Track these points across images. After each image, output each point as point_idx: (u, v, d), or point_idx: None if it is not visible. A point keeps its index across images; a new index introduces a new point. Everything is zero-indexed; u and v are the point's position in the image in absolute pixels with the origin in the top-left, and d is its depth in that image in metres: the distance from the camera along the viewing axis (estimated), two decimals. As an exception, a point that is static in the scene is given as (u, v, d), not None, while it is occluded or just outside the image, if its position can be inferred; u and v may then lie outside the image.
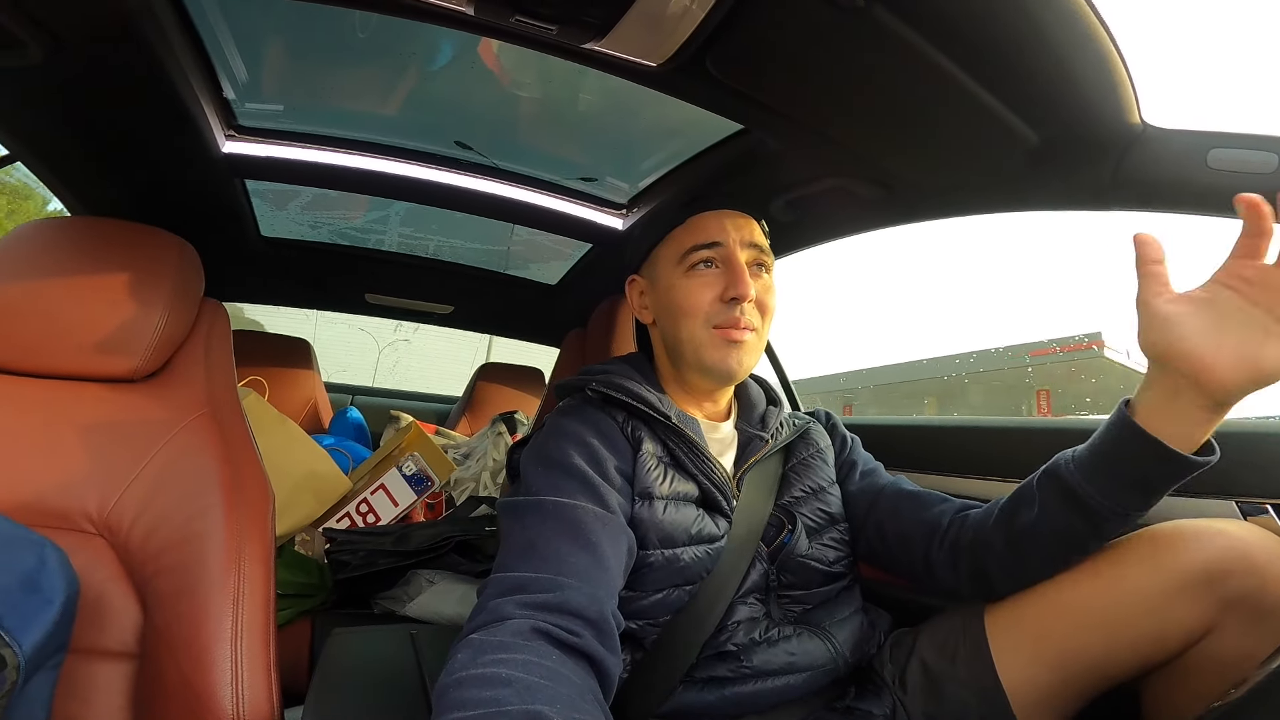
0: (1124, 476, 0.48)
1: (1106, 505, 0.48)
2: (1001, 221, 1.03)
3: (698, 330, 0.62)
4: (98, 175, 0.93)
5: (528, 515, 0.51)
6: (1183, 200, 0.59)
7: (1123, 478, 0.48)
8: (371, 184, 1.03)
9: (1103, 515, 0.49)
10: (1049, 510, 0.51)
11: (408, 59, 0.82)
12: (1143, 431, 0.46)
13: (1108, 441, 0.48)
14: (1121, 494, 0.48)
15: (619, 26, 0.55)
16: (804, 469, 0.66)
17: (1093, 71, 0.54)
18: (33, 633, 0.43)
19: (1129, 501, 0.48)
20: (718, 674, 0.55)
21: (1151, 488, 0.47)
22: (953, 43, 0.53)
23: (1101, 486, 0.48)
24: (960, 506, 0.61)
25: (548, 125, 0.96)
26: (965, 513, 0.60)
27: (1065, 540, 0.52)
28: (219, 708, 0.50)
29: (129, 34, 0.62)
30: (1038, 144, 0.63)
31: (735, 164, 0.85)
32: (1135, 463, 0.47)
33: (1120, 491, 0.48)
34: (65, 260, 0.63)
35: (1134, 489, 0.48)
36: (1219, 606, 0.46)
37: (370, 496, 1.27)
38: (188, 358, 0.69)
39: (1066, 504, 0.50)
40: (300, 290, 1.59)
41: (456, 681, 0.37)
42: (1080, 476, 0.49)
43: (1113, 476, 0.48)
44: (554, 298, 1.47)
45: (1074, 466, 0.50)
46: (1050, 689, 0.52)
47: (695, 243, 0.63)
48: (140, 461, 0.59)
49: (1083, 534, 0.51)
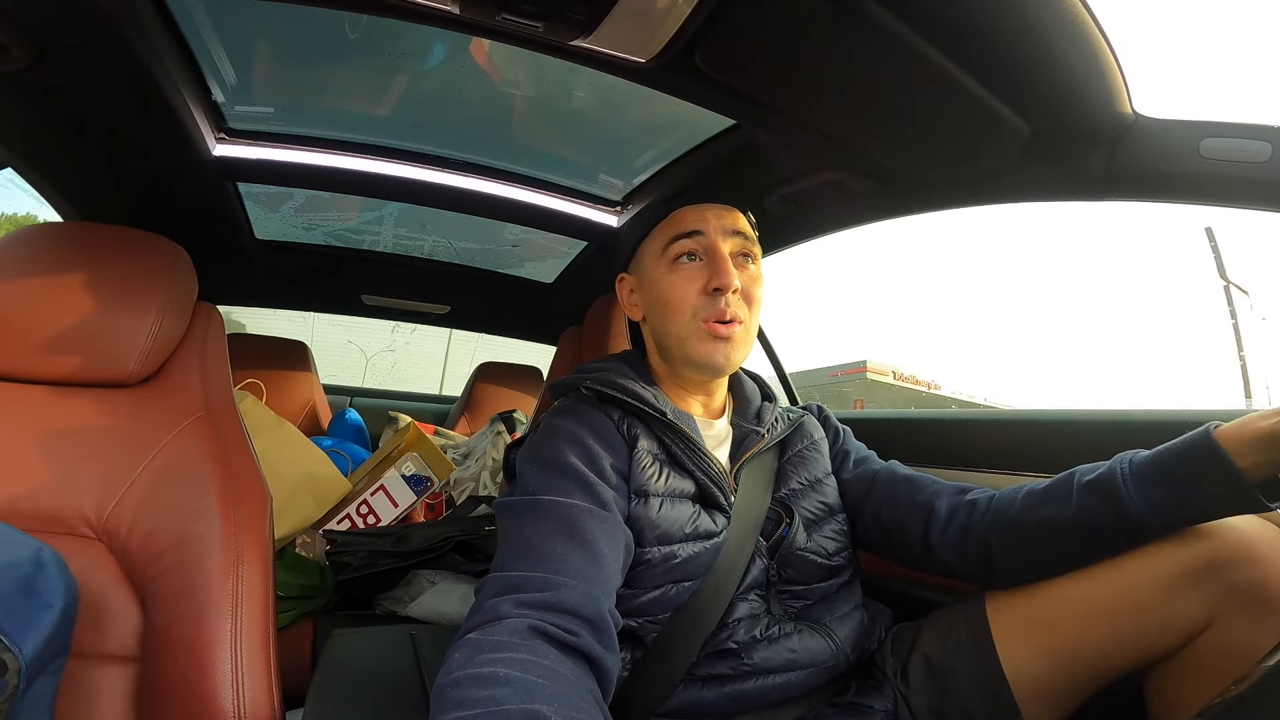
0: (1185, 498, 0.48)
1: (1147, 519, 0.48)
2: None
3: (683, 324, 0.62)
4: (89, 180, 0.93)
5: (524, 515, 0.51)
6: (1176, 189, 0.59)
7: (1182, 500, 0.48)
8: (365, 185, 1.02)
9: (1140, 528, 0.49)
10: (1085, 512, 0.51)
11: (399, 59, 0.81)
12: (1224, 457, 0.46)
13: (1179, 456, 0.49)
14: (1169, 513, 0.48)
15: (606, 22, 0.55)
16: (800, 462, 0.67)
17: (1083, 63, 0.53)
18: (33, 637, 0.44)
19: (1173, 521, 0.49)
20: (718, 672, 0.55)
21: (1205, 515, 0.48)
22: (942, 34, 0.52)
23: (1150, 500, 0.48)
24: (958, 489, 0.62)
25: (541, 123, 0.95)
26: (968, 497, 0.60)
27: (1090, 543, 0.52)
28: (220, 709, 0.50)
29: (113, 38, 0.61)
30: (1029, 135, 0.63)
31: (728, 159, 0.85)
32: (1203, 488, 0.47)
33: (1169, 510, 0.48)
34: (58, 266, 0.63)
35: (1186, 508, 0.48)
36: (1221, 597, 0.46)
37: (370, 498, 1.27)
38: (183, 362, 0.69)
39: (1106, 510, 0.50)
40: (296, 293, 1.59)
41: (454, 681, 0.37)
42: (1134, 487, 0.49)
43: (1171, 496, 0.48)
44: (550, 296, 1.47)
45: (1130, 476, 0.50)
46: (1054, 681, 0.52)
47: (676, 233, 0.63)
48: (137, 465, 0.60)
49: (1110, 541, 0.51)
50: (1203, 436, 0.48)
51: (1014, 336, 23.34)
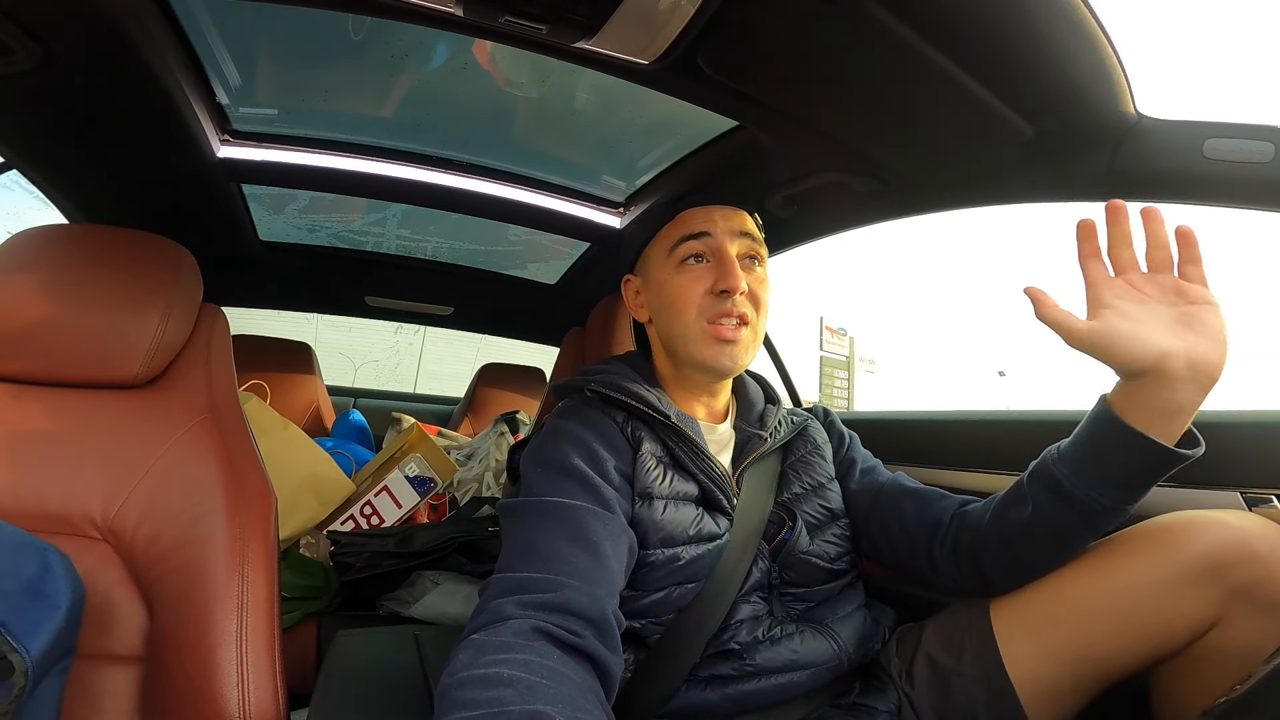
0: (1109, 469, 0.48)
1: (1094, 499, 0.49)
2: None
3: (690, 325, 0.62)
4: (94, 182, 0.93)
5: (528, 516, 0.52)
6: (1180, 190, 0.59)
7: (1108, 470, 0.48)
8: (368, 186, 1.03)
9: (1092, 510, 0.49)
10: (1040, 507, 0.52)
11: (402, 61, 0.82)
12: (1122, 423, 0.47)
13: (1090, 435, 0.49)
14: (1107, 487, 0.48)
15: (609, 25, 0.55)
16: (803, 466, 0.66)
17: (1086, 63, 0.53)
18: (39, 638, 0.44)
19: (1116, 495, 0.49)
20: (721, 672, 0.55)
21: (1136, 480, 0.48)
22: (945, 36, 0.52)
23: (1087, 481, 0.49)
24: (960, 502, 0.62)
25: (544, 125, 0.96)
26: (964, 509, 0.60)
27: (1059, 536, 0.52)
28: (225, 710, 0.50)
29: (117, 40, 0.62)
30: (1032, 136, 0.63)
31: (731, 160, 0.85)
32: (1118, 454, 0.47)
33: (1106, 485, 0.48)
34: (63, 268, 0.63)
35: (1119, 482, 0.48)
36: (1225, 597, 0.46)
37: (374, 498, 1.27)
38: (188, 363, 0.69)
39: (1056, 499, 0.51)
40: (300, 294, 1.60)
41: (458, 682, 0.37)
42: (1066, 471, 0.50)
43: (1097, 470, 0.49)
44: (553, 297, 1.47)
45: (1060, 461, 0.51)
46: (1059, 682, 0.52)
47: (683, 234, 0.63)
48: (143, 467, 0.60)
49: (1076, 529, 0.51)
50: (1101, 410, 0.49)
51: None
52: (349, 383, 2.68)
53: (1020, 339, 9.11)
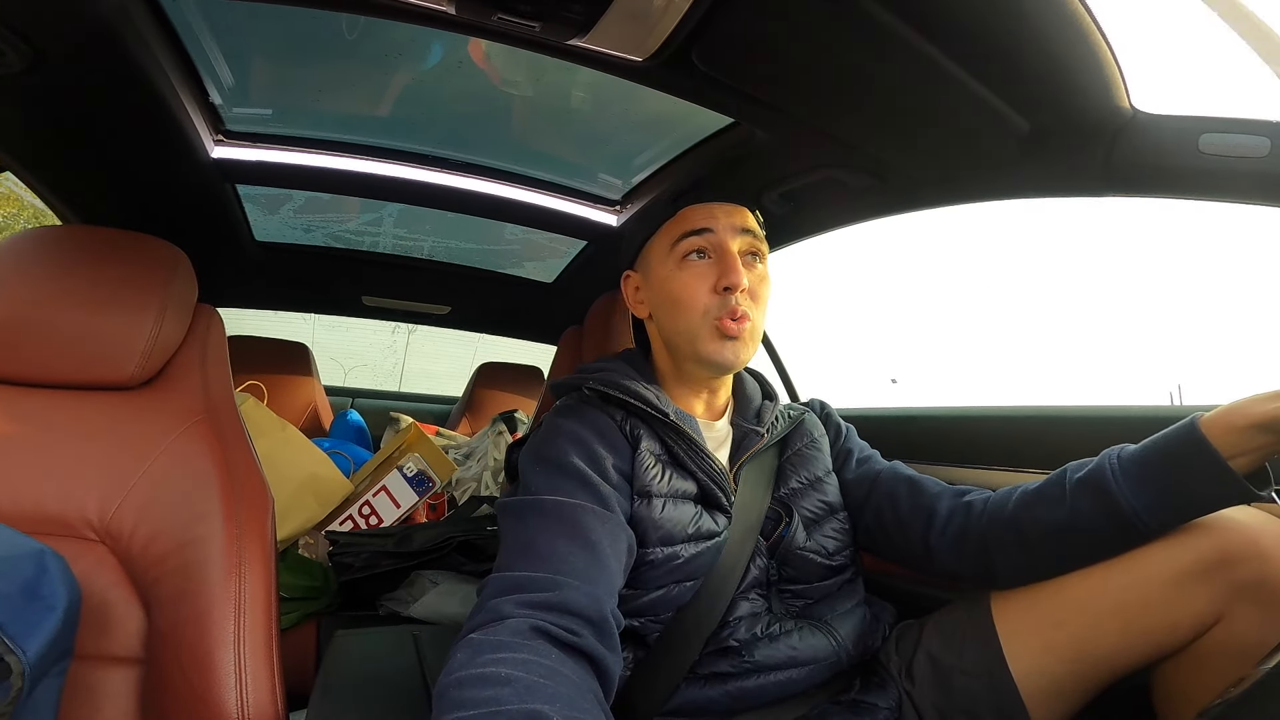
0: (1177, 495, 0.48)
1: (1143, 521, 0.48)
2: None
3: (694, 322, 0.61)
4: (87, 183, 0.93)
5: (526, 515, 0.52)
6: (1175, 185, 0.59)
7: (1173, 497, 0.48)
8: (364, 186, 1.02)
9: (1136, 530, 0.49)
10: (1081, 516, 0.51)
11: (397, 60, 0.81)
12: (1210, 449, 0.46)
13: (1166, 451, 0.48)
14: (1164, 510, 0.48)
15: (602, 22, 0.55)
16: (800, 460, 0.66)
17: (1081, 58, 0.53)
18: (36, 640, 0.44)
19: (1169, 516, 0.48)
20: (720, 670, 0.55)
21: (1195, 509, 0.48)
22: (940, 31, 0.52)
23: (1145, 501, 0.48)
24: (958, 492, 0.62)
25: (539, 123, 0.95)
26: (965, 499, 0.60)
27: (1090, 543, 0.52)
28: (224, 711, 0.50)
29: (109, 41, 0.61)
30: (1029, 131, 0.62)
31: (727, 157, 0.85)
32: (1195, 483, 0.47)
33: (1164, 508, 0.48)
34: (58, 269, 0.63)
35: (1181, 505, 0.48)
36: (1229, 593, 0.46)
37: (372, 498, 1.27)
38: (184, 364, 0.69)
39: (1102, 514, 0.50)
40: (296, 294, 1.59)
41: (456, 681, 0.37)
42: (1126, 486, 0.49)
43: (1162, 489, 0.48)
44: (551, 296, 1.47)
45: (1120, 474, 0.50)
46: (1061, 678, 0.52)
47: (685, 230, 0.63)
48: (139, 468, 0.60)
49: (1110, 540, 0.51)
50: (1188, 429, 0.47)
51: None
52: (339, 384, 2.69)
53: (910, 348, 9.17)
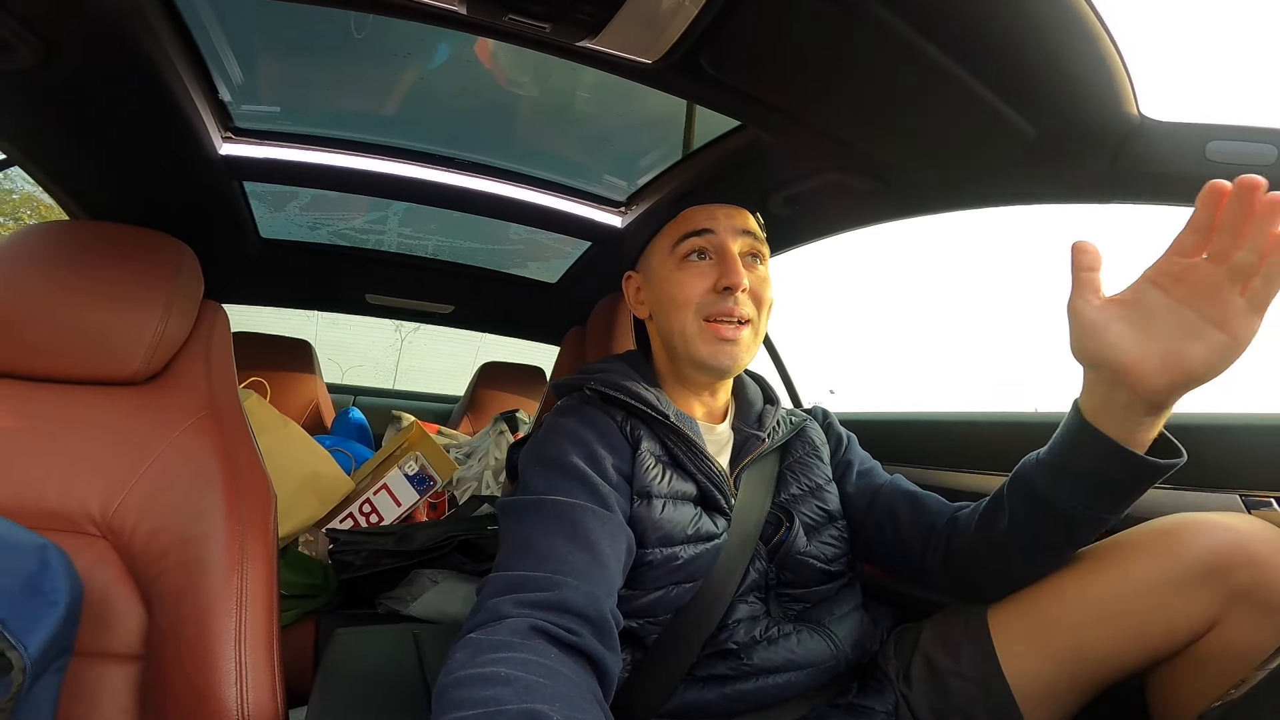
0: (1086, 479, 0.48)
1: (1073, 509, 0.49)
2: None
3: (689, 322, 0.62)
4: (96, 179, 0.93)
5: (526, 514, 0.52)
6: (1181, 193, 0.59)
7: (1085, 480, 0.48)
8: (370, 184, 1.03)
9: (1072, 520, 0.49)
10: (1019, 516, 0.52)
11: (404, 59, 0.82)
12: (1096, 431, 0.46)
13: (1065, 443, 0.49)
14: (1087, 498, 0.48)
15: (612, 24, 0.55)
16: (801, 467, 0.66)
17: (1089, 64, 0.53)
18: (37, 635, 0.44)
19: (1095, 505, 0.48)
20: (718, 672, 0.55)
21: (1116, 491, 0.48)
22: (948, 36, 0.52)
23: (1065, 490, 0.49)
24: (956, 508, 0.61)
25: (545, 124, 0.96)
26: (957, 514, 0.60)
27: (1041, 545, 0.53)
28: (224, 708, 0.50)
29: (121, 37, 0.62)
30: (1035, 137, 0.62)
31: (732, 159, 0.85)
32: (1094, 463, 0.47)
33: (1085, 495, 0.48)
34: (65, 264, 0.63)
35: (1098, 492, 0.48)
36: (1224, 599, 0.46)
37: (373, 497, 1.27)
38: (189, 360, 0.69)
39: (1035, 510, 0.51)
40: (301, 292, 1.60)
41: (455, 681, 0.37)
42: (1043, 481, 0.50)
43: (1075, 479, 0.48)
44: (554, 296, 1.47)
45: (1038, 471, 0.50)
46: (1056, 682, 0.52)
47: (686, 231, 0.63)
48: (142, 463, 0.60)
49: (1056, 539, 0.52)
50: (1075, 419, 0.47)
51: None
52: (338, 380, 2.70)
53: (849, 359, 9.16)
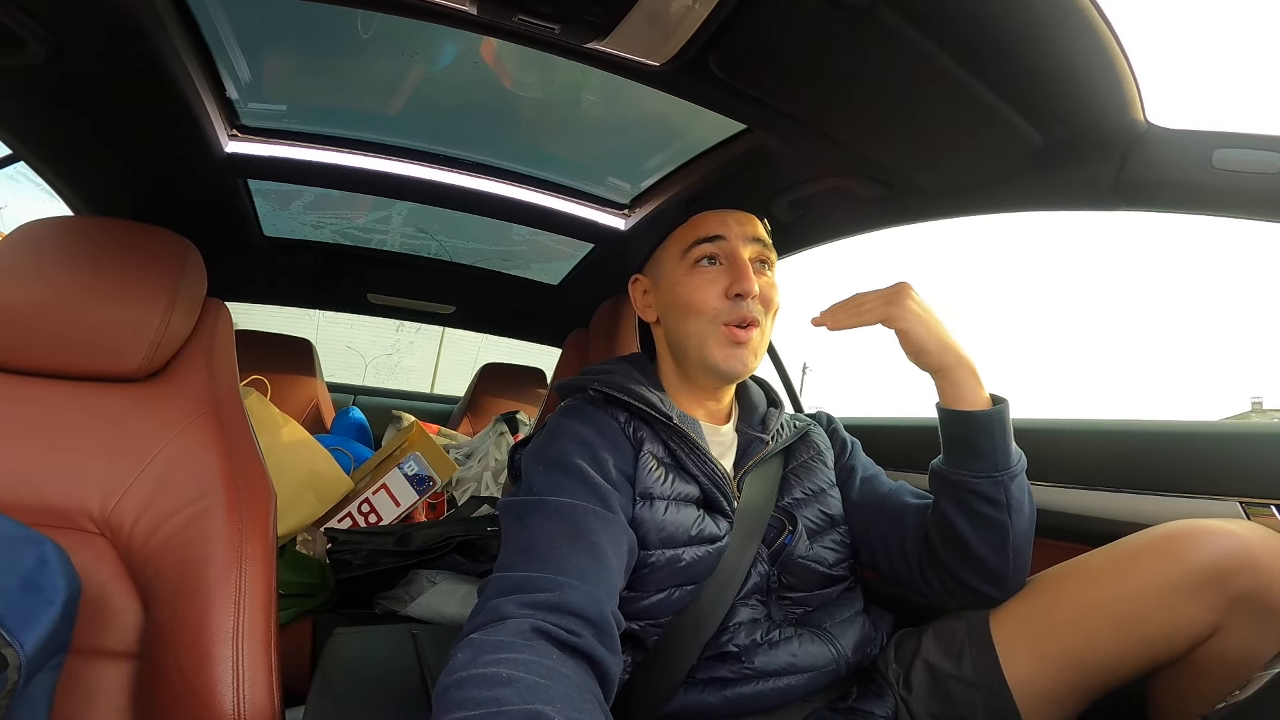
0: (962, 446, 0.57)
1: (969, 475, 0.56)
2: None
3: (703, 327, 0.62)
4: (101, 174, 0.93)
5: (528, 515, 0.51)
6: (1188, 200, 0.59)
7: (962, 447, 0.57)
8: (374, 184, 1.03)
9: (974, 487, 0.56)
10: (943, 506, 0.58)
11: (410, 59, 0.82)
12: (945, 409, 0.58)
13: (942, 430, 0.59)
14: (972, 462, 0.56)
15: (621, 26, 0.55)
16: (804, 471, 0.66)
17: (1096, 71, 0.53)
18: (34, 632, 0.43)
19: (979, 465, 0.56)
20: (719, 675, 0.55)
21: (981, 447, 0.56)
22: (956, 42, 0.52)
23: (959, 463, 0.57)
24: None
25: (550, 125, 0.96)
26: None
27: (978, 524, 0.56)
28: (220, 707, 0.50)
29: (130, 33, 0.62)
30: (1041, 144, 0.62)
31: (738, 163, 0.85)
32: (958, 430, 0.57)
33: (970, 460, 0.56)
34: (69, 259, 0.63)
35: (974, 454, 0.56)
36: (1225, 606, 0.46)
37: (372, 496, 1.27)
38: (191, 357, 0.69)
39: (950, 493, 0.57)
40: (303, 290, 1.60)
41: (456, 681, 0.37)
42: (948, 466, 0.58)
43: (958, 451, 0.57)
44: (556, 298, 1.47)
45: (941, 461, 0.59)
46: (1057, 688, 0.52)
47: (698, 236, 0.63)
48: (142, 461, 0.60)
49: (983, 512, 0.56)
50: (938, 410, 0.59)
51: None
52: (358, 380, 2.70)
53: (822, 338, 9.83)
